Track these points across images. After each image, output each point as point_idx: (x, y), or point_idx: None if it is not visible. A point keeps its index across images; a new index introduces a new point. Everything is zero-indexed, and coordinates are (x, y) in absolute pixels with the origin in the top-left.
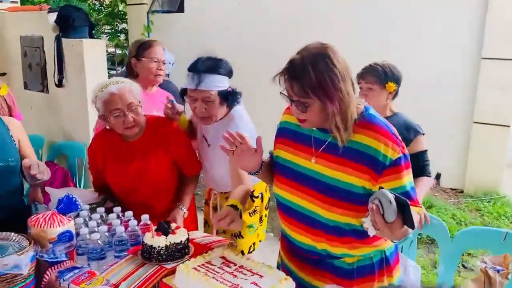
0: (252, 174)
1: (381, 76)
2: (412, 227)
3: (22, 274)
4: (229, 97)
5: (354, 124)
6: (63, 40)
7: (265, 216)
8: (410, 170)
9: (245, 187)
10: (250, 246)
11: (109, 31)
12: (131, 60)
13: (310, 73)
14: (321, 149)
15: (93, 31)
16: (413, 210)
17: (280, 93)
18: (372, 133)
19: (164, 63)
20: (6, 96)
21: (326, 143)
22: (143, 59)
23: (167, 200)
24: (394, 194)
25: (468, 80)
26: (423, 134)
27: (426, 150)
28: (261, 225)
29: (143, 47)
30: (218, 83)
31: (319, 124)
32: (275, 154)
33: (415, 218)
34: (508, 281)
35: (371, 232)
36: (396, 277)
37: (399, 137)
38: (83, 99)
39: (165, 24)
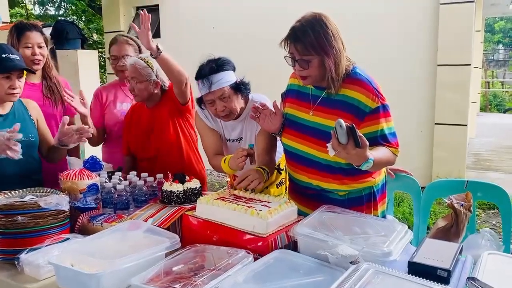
0: (275, 134)
1: None
2: (358, 144)
3: (64, 211)
4: (241, 87)
5: (343, 81)
6: (58, 51)
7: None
8: (390, 118)
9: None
10: None
11: None
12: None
13: (310, 34)
14: (316, 103)
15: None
16: (388, 150)
17: (284, 57)
18: (356, 87)
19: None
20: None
21: (321, 98)
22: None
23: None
24: (348, 124)
25: (427, 85)
26: None
27: None
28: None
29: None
30: (226, 78)
31: (318, 80)
32: (284, 111)
33: (381, 156)
34: (471, 213)
35: (331, 152)
36: (380, 210)
37: (380, 90)
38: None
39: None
